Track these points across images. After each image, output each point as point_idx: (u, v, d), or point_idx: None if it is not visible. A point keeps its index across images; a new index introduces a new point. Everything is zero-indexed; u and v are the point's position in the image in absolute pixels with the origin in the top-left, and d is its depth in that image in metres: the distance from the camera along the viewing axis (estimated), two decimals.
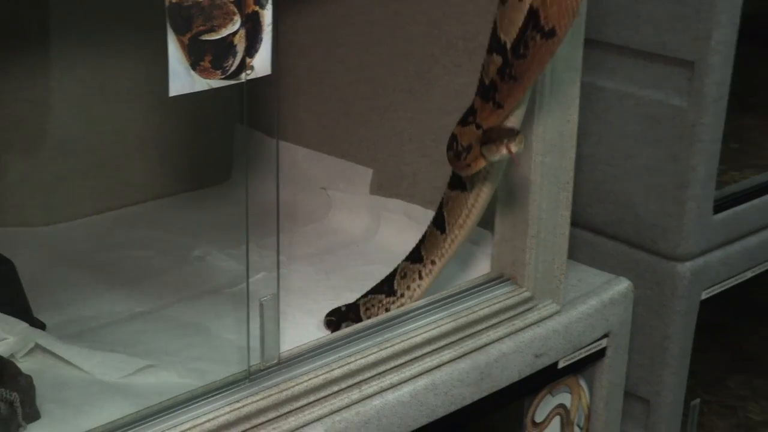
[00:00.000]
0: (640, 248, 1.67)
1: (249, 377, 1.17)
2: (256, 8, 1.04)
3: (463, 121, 1.30)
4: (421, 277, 1.44)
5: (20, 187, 1.57)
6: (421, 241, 1.46)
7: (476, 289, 1.43)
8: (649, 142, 1.64)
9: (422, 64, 1.57)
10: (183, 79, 1.00)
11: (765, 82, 1.91)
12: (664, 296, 1.68)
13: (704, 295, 1.70)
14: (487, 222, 1.51)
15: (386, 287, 1.52)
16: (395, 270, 1.50)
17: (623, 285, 1.55)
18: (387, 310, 1.50)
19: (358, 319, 1.49)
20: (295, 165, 1.78)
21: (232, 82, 1.06)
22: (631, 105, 1.66)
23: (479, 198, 1.40)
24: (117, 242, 1.57)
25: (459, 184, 1.41)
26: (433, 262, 1.42)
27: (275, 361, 1.20)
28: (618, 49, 1.66)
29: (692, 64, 1.57)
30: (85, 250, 1.52)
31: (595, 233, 1.69)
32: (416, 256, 1.45)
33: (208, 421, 1.13)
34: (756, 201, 1.76)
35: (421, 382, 1.31)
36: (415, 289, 1.47)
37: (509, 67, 1.23)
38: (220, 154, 1.80)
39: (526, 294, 1.42)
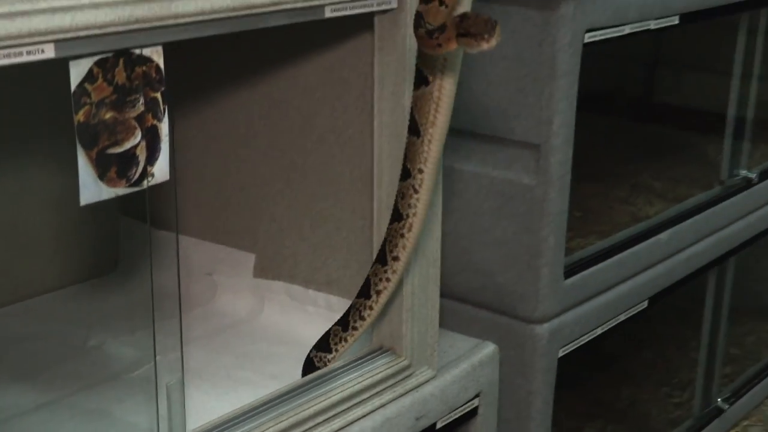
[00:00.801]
0: (502, 313, 1.73)
1: None
2: (154, 122, 1.11)
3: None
4: (416, 191, 1.41)
5: None
6: (405, 156, 1.42)
7: (360, 360, 1.49)
8: (504, 216, 1.71)
9: (297, 155, 1.62)
10: (92, 189, 1.07)
11: (602, 151, 2.03)
12: (525, 356, 1.74)
13: (561, 353, 1.77)
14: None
15: (394, 214, 1.48)
16: (396, 195, 1.47)
17: (490, 348, 1.62)
18: (401, 235, 1.47)
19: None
20: (181, 253, 1.82)
21: (136, 189, 1.13)
22: (486, 184, 1.73)
23: (443, 89, 1.36)
24: (13, 336, 1.58)
25: (422, 80, 1.37)
26: (420, 171, 1.39)
27: None
28: (472, 135, 1.72)
29: (538, 147, 1.66)
30: None
31: (460, 302, 1.75)
32: (405, 173, 1.41)
33: None
34: (601, 264, 1.84)
35: None
36: (415, 205, 1.44)
37: None
38: (106, 246, 1.82)
39: (405, 362, 1.48)
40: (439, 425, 1.56)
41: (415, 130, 1.37)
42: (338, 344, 1.50)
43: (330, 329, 1.52)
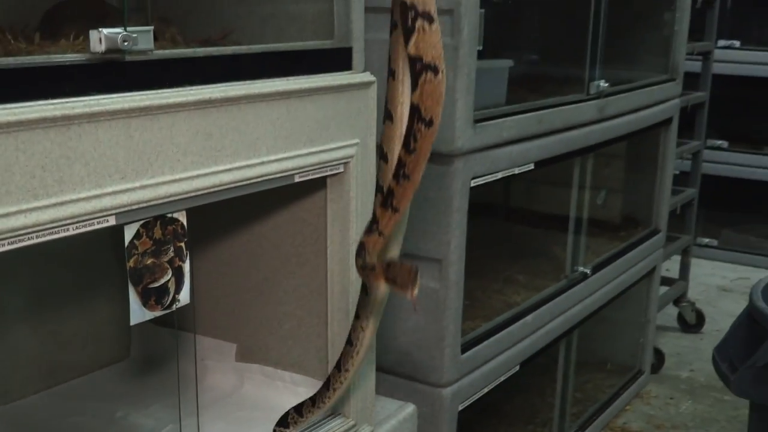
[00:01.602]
0: (417, 381, 1.74)
1: None
2: (180, 263, 1.17)
3: (368, 230, 1.21)
4: (363, 330, 1.32)
5: None
6: (359, 303, 1.32)
7: (319, 423, 1.50)
8: (417, 312, 1.72)
9: (269, 273, 1.60)
10: (138, 313, 1.12)
11: (480, 254, 2.07)
12: (435, 411, 1.75)
13: (460, 407, 1.78)
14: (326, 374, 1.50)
15: (348, 339, 1.39)
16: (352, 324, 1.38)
17: (410, 408, 1.63)
18: (351, 357, 1.38)
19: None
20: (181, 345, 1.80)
21: (168, 311, 1.19)
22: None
23: (375, 301, 1.30)
24: (59, 413, 1.55)
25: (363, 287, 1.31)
26: (363, 326, 1.31)
27: None
28: None
29: (440, 261, 1.70)
30: (39, 423, 1.51)
31: (388, 373, 1.75)
32: (356, 314, 1.31)
33: None
34: (486, 342, 1.85)
35: None
36: (362, 340, 1.35)
37: (403, 167, 1.13)
38: (123, 340, 1.78)
39: (352, 422, 1.50)
40: None
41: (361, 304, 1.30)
42: (296, 422, 1.44)
43: (290, 409, 1.47)
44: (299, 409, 1.44)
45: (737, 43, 3.83)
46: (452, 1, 1.56)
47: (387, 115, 1.18)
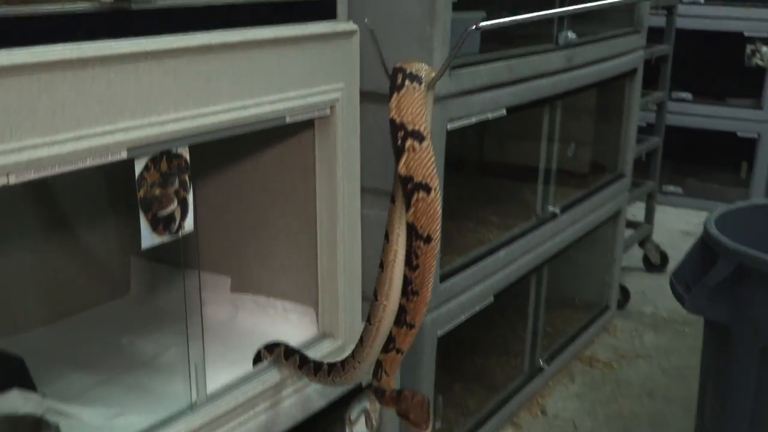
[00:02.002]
0: None
1: (192, 407, 1.34)
2: (185, 194, 1.25)
3: (386, 349, 1.18)
4: (384, 308, 1.21)
5: None
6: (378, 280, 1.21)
7: (311, 343, 1.58)
8: None
9: (260, 212, 1.64)
10: (149, 238, 1.20)
11: (456, 198, 2.11)
12: (418, 336, 1.75)
13: (439, 334, 1.84)
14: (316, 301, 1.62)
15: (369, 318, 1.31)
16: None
17: None
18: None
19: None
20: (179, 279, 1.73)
21: (176, 237, 1.26)
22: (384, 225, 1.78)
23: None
24: (71, 340, 1.60)
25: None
26: (384, 301, 1.19)
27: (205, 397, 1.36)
28: (376, 191, 1.70)
29: None
30: (50, 351, 1.54)
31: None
32: (374, 295, 1.21)
33: None
34: (462, 274, 1.89)
35: (290, 399, 1.48)
36: (380, 318, 1.23)
37: (410, 284, 1.10)
38: (122, 277, 1.82)
39: (339, 343, 1.59)
40: (364, 383, 1.60)
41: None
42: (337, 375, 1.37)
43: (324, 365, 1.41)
44: (332, 367, 1.41)
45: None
46: None
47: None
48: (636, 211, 3.27)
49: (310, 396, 1.52)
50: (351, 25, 1.48)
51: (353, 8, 1.52)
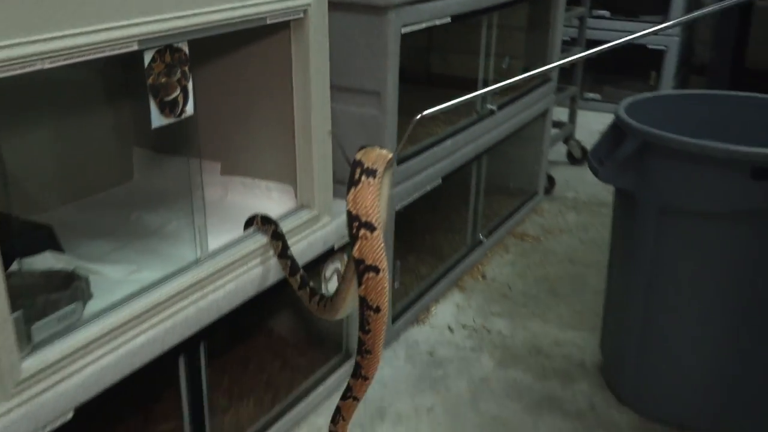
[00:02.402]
0: None
1: (197, 262, 1.41)
2: (186, 83, 1.29)
3: (344, 397, 1.21)
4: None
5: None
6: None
7: (290, 213, 1.62)
8: (360, 134, 1.80)
9: (244, 105, 1.65)
10: (157, 119, 1.26)
11: (407, 100, 2.15)
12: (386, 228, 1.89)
13: (398, 208, 1.87)
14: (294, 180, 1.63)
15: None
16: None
17: None
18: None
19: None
20: (173, 165, 1.82)
21: (179, 119, 1.30)
22: (351, 116, 1.83)
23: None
24: (83, 219, 1.62)
25: None
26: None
27: (207, 253, 1.44)
28: (344, 89, 1.79)
29: (379, 93, 1.79)
30: (68, 226, 1.55)
31: (341, 183, 1.64)
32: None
33: (179, 286, 1.35)
34: (415, 159, 1.92)
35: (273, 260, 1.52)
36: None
37: (363, 345, 1.13)
38: (126, 165, 1.84)
39: (315, 212, 1.64)
40: (336, 246, 1.71)
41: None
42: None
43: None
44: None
45: None
46: None
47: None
48: (561, 115, 3.31)
49: (297, 255, 1.57)
50: None
51: None
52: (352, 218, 1.04)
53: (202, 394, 1.47)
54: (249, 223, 1.56)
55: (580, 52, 3.18)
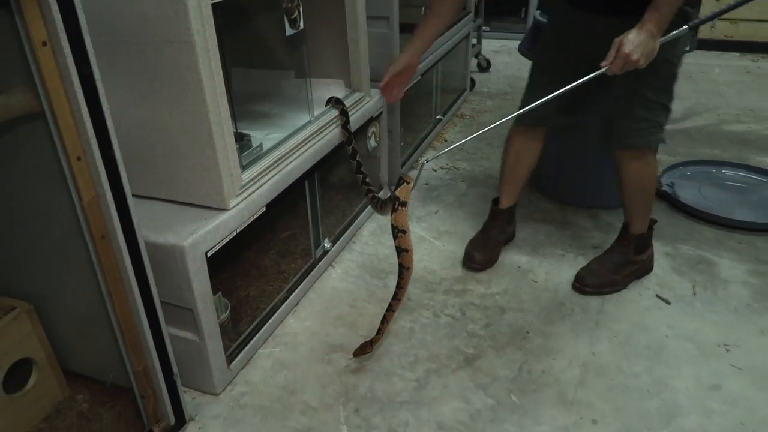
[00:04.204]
0: None
1: (310, 122, 1.57)
2: (299, 8, 1.44)
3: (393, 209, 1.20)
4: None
5: None
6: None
7: (348, 95, 1.74)
8: (378, 45, 1.77)
9: (320, 29, 1.55)
10: (288, 30, 1.38)
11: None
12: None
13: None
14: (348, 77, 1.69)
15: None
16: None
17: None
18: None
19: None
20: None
21: (298, 30, 1.41)
22: (371, 35, 1.73)
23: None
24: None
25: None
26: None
27: (314, 116, 1.55)
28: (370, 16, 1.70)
29: (387, 18, 1.83)
30: None
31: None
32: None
33: (303, 136, 1.49)
34: None
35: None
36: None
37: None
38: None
39: (363, 94, 1.77)
40: (374, 115, 1.83)
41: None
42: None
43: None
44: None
45: None
46: None
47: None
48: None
49: (353, 119, 1.73)
50: None
51: None
52: (394, 228, 1.19)
53: (317, 203, 1.73)
54: (328, 101, 1.70)
55: None
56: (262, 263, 1.70)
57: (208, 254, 1.24)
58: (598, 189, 1.99)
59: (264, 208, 1.41)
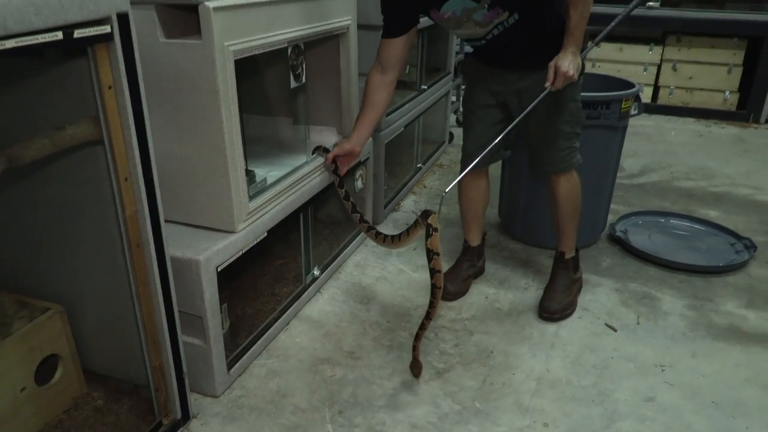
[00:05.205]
0: None
1: (306, 163, 1.78)
2: (302, 65, 1.73)
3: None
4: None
5: None
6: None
7: (339, 140, 1.88)
8: (372, 45, 1.99)
9: (321, 81, 1.80)
10: (293, 83, 1.61)
11: None
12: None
13: (385, 141, 2.22)
14: (340, 124, 1.87)
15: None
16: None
17: None
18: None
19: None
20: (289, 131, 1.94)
21: (301, 83, 1.63)
22: (367, 37, 2.04)
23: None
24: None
25: None
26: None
27: (309, 158, 1.74)
28: (360, 26, 1.82)
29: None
30: None
31: None
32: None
33: (299, 174, 1.64)
34: (392, 115, 2.28)
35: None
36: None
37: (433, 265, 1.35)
38: None
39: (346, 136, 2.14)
40: (362, 160, 1.99)
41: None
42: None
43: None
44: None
45: None
46: None
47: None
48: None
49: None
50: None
51: None
52: (429, 251, 1.37)
53: (309, 234, 1.93)
54: (314, 150, 1.83)
55: (461, 58, 3.73)
56: (258, 286, 1.89)
57: (219, 269, 1.45)
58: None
59: (266, 234, 1.63)
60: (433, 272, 1.36)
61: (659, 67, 4.14)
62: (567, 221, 1.81)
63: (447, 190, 1.48)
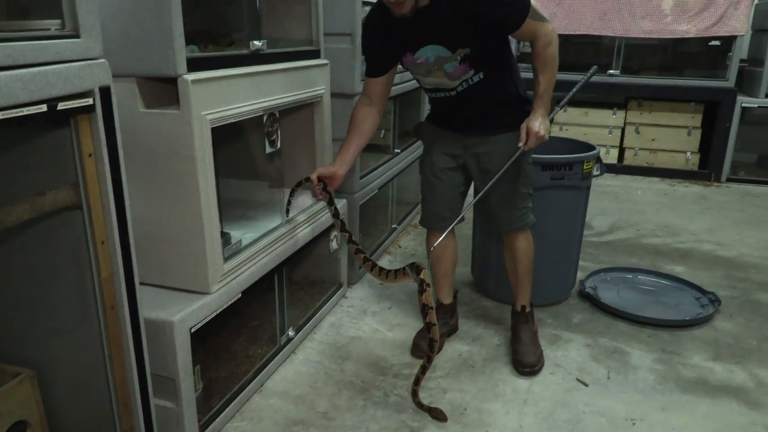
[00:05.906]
0: None
1: (282, 224, 1.86)
2: (277, 131, 1.82)
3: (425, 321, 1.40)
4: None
5: None
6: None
7: (314, 203, 2.05)
8: (341, 59, 1.80)
9: (298, 142, 1.86)
10: (268, 149, 1.69)
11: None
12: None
13: (360, 202, 2.28)
14: None
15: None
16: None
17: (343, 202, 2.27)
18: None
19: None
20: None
21: (276, 149, 1.76)
22: (336, 50, 1.93)
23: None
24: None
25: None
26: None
27: (285, 219, 1.80)
28: (329, 33, 1.86)
29: (350, 34, 2.02)
30: None
31: None
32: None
33: (276, 235, 1.67)
34: (370, 175, 2.33)
35: (313, 222, 1.89)
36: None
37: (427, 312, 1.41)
38: None
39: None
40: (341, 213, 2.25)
41: None
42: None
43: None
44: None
45: None
46: None
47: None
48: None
49: (319, 223, 1.98)
50: (326, 61, 1.97)
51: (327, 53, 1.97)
52: (425, 306, 1.43)
53: (284, 295, 1.96)
54: (297, 184, 1.80)
55: None
56: (232, 348, 1.90)
57: (192, 330, 1.47)
58: None
59: (240, 294, 1.66)
60: (429, 326, 1.40)
61: (623, 129, 4.32)
62: (525, 275, 1.89)
63: (436, 245, 1.58)
